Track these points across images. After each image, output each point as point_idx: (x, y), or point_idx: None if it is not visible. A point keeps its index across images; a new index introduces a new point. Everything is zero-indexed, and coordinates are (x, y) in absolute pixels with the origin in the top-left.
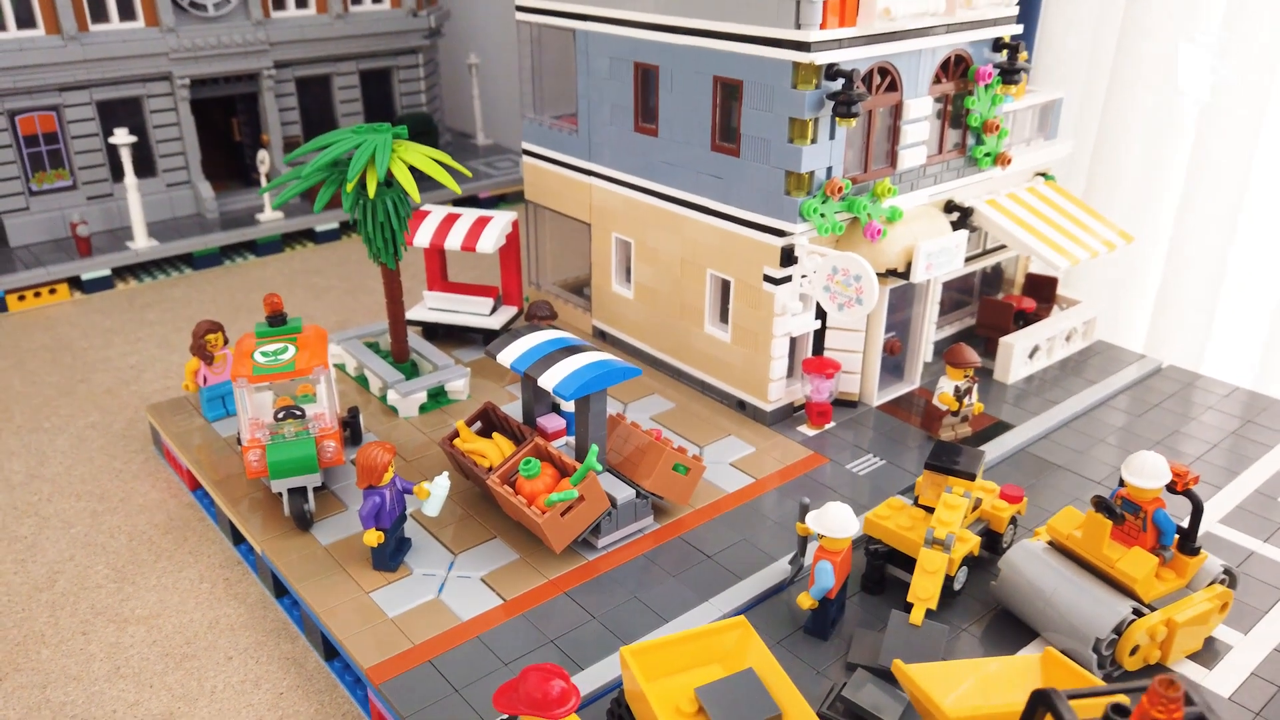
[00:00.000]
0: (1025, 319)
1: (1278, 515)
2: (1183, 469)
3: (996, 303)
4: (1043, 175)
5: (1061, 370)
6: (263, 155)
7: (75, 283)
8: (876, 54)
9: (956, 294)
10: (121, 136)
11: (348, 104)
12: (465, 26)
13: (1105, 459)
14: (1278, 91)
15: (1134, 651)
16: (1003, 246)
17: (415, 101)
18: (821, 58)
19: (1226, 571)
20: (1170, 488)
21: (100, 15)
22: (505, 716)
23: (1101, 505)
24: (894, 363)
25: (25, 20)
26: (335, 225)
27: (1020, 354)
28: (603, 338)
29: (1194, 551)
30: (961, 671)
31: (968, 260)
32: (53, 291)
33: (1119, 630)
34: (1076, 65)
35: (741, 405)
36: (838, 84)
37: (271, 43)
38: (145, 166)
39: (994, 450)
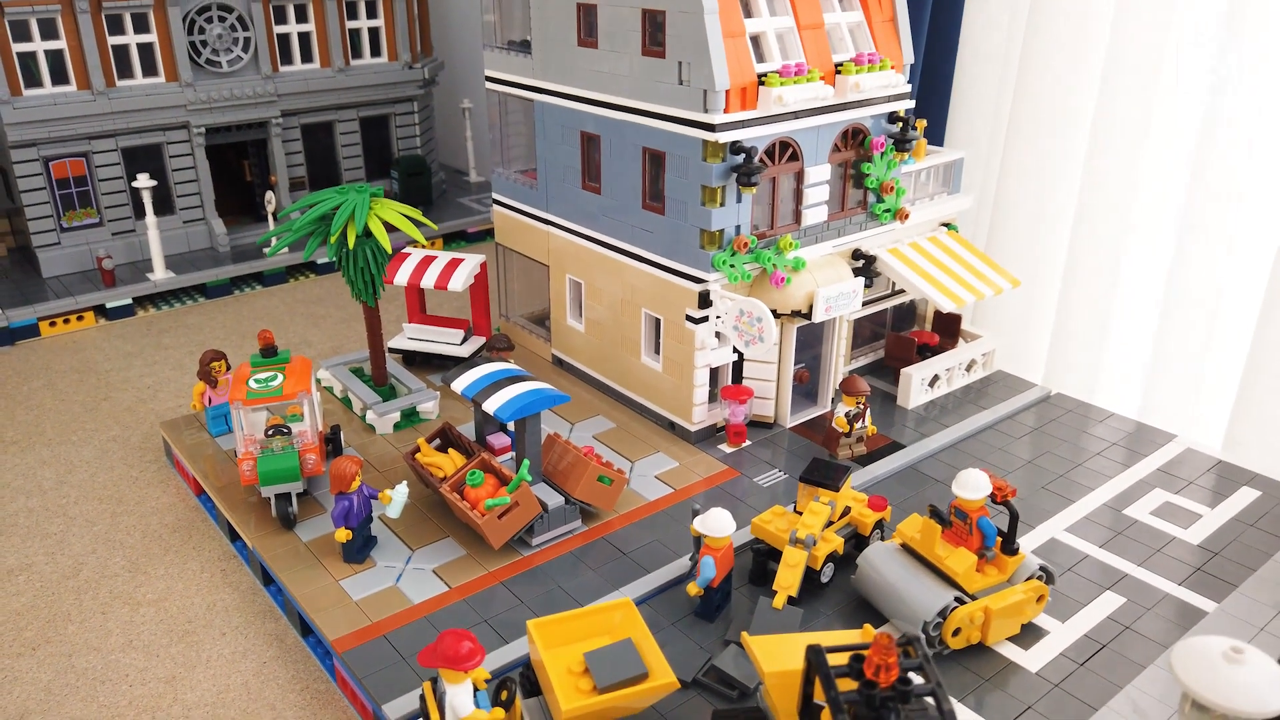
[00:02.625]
0: (930, 351)
1: (1117, 525)
2: (1001, 483)
3: (901, 337)
4: (946, 225)
5: (962, 397)
6: (269, 195)
7: (100, 310)
8: (777, 131)
9: (873, 327)
10: (143, 181)
11: (348, 147)
12: (460, 73)
13: None
14: (1151, 147)
15: (957, 633)
16: None
17: (411, 145)
18: (725, 136)
19: (1043, 569)
20: (992, 498)
21: (126, 72)
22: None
23: (933, 513)
24: (808, 389)
25: (59, 77)
26: (336, 259)
27: (918, 383)
28: (560, 364)
29: (1013, 552)
30: (793, 642)
31: (880, 298)
32: (80, 318)
33: (943, 614)
34: (982, 125)
35: (672, 426)
36: (740, 158)
37: (279, 94)
38: (164, 205)
39: (883, 467)
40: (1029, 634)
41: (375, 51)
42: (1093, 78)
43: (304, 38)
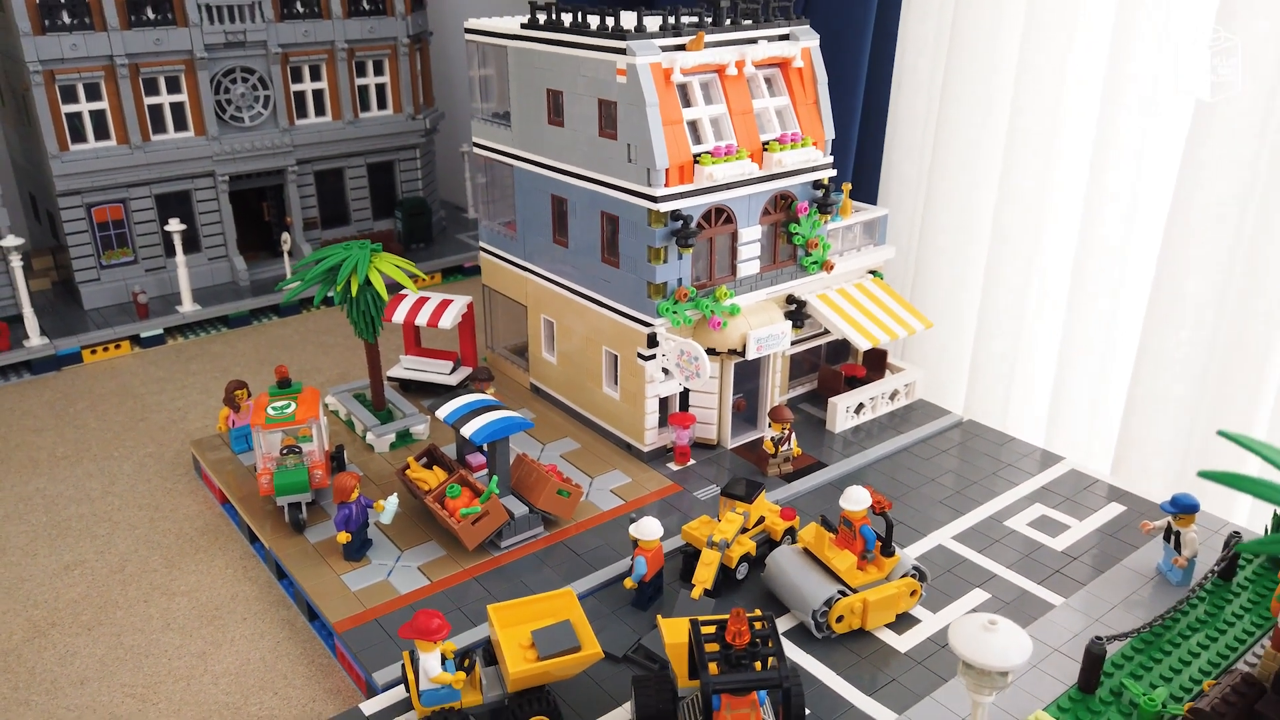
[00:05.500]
0: (857, 382)
1: (996, 534)
2: (880, 497)
3: (830, 370)
4: (873, 272)
5: (885, 423)
6: (285, 235)
7: (136, 339)
8: (711, 200)
9: (812, 360)
10: (174, 225)
11: (357, 191)
12: (461, 120)
13: (889, 490)
14: (1048, 209)
15: (840, 619)
16: None
17: (414, 187)
18: (665, 206)
19: (917, 569)
20: (873, 510)
21: (159, 128)
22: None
23: (824, 521)
24: (746, 415)
25: (101, 134)
26: (340, 304)
27: (843, 410)
28: (537, 392)
29: (890, 554)
30: None
31: (814, 336)
32: (117, 347)
33: (828, 604)
34: (909, 186)
35: (628, 447)
36: (679, 224)
37: (295, 145)
38: (192, 244)
39: (806, 484)
40: (904, 622)
41: (382, 105)
42: (996, 148)
43: (317, 94)
